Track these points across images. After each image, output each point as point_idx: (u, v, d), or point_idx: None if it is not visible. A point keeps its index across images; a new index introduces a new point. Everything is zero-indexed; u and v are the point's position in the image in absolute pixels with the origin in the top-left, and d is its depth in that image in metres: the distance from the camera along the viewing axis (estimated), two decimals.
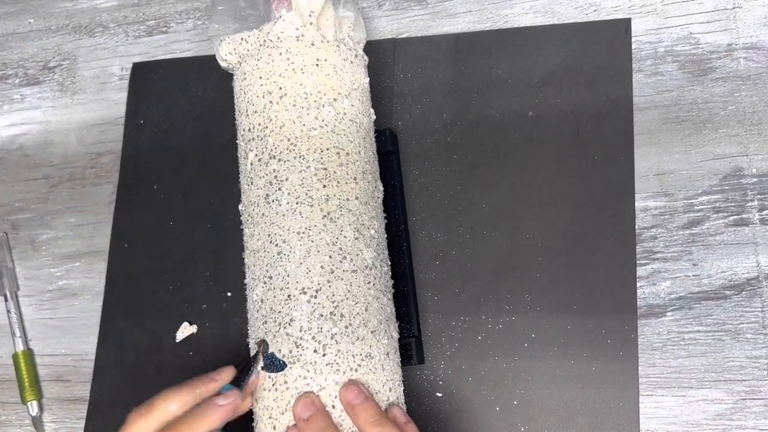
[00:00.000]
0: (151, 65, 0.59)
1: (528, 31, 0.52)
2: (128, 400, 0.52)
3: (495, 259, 0.48)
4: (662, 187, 0.47)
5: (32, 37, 0.64)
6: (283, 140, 0.44)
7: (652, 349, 0.45)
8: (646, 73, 0.49)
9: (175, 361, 0.51)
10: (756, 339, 0.44)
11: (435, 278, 0.49)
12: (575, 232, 0.48)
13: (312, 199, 0.43)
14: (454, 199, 0.50)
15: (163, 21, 0.61)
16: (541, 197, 0.49)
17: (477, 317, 0.48)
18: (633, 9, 0.51)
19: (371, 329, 0.42)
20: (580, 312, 0.46)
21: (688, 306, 0.45)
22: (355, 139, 0.45)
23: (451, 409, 0.47)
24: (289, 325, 0.41)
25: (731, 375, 0.44)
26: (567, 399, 0.45)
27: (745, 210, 0.46)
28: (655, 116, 0.49)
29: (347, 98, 0.45)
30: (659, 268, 0.46)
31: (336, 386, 0.40)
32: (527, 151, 0.50)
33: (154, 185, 0.56)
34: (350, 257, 0.42)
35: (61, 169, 0.59)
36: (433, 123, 0.52)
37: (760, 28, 0.49)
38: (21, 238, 0.59)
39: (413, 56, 0.53)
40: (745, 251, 0.45)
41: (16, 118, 0.62)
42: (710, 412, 0.44)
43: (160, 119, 0.57)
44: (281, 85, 0.44)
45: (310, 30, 0.45)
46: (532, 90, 0.51)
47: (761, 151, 0.47)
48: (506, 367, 0.46)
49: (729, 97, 0.48)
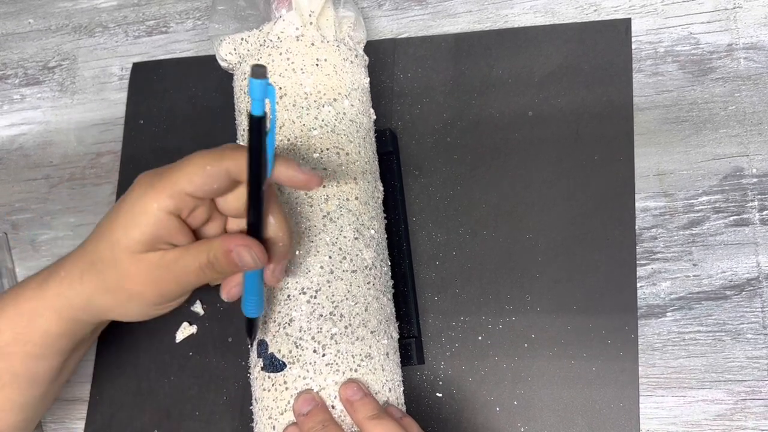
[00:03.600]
0: (151, 65, 0.59)
1: (528, 31, 0.52)
2: (128, 401, 0.52)
3: (495, 260, 0.48)
4: (662, 187, 0.47)
5: (32, 37, 0.64)
6: (282, 140, 0.44)
7: (653, 349, 0.45)
8: (646, 73, 0.49)
9: (176, 361, 0.51)
10: (756, 339, 0.44)
11: (435, 278, 0.49)
12: (575, 232, 0.47)
13: (312, 199, 0.43)
14: (454, 199, 0.50)
15: (163, 21, 0.61)
16: (541, 197, 0.49)
17: (477, 317, 0.48)
18: (633, 9, 0.51)
19: (371, 329, 0.42)
20: (580, 312, 0.46)
21: (688, 306, 0.45)
22: (355, 139, 0.45)
23: (451, 409, 0.47)
24: (288, 325, 0.41)
25: (731, 375, 0.44)
26: (567, 399, 0.45)
27: (745, 210, 0.46)
28: (655, 116, 0.49)
29: (347, 98, 0.45)
30: (659, 269, 0.46)
31: (335, 386, 0.40)
32: (527, 151, 0.50)
33: None
34: (350, 257, 0.42)
35: (61, 169, 0.59)
36: (433, 123, 0.52)
37: (760, 28, 0.49)
38: (21, 238, 0.59)
39: (413, 56, 0.53)
40: (746, 251, 0.45)
41: (16, 118, 0.62)
42: (710, 412, 0.44)
43: (160, 119, 0.57)
44: (281, 85, 0.44)
45: (310, 30, 0.45)
46: (532, 90, 0.51)
47: (761, 151, 0.47)
48: (506, 367, 0.46)
49: (729, 97, 0.48)
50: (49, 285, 0.40)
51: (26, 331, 0.39)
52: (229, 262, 0.37)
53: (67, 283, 0.39)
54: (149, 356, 0.52)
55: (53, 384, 0.42)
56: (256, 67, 0.30)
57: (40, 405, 0.42)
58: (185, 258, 0.38)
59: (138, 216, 0.37)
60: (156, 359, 0.52)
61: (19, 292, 0.40)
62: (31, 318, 0.39)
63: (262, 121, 0.31)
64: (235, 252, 0.36)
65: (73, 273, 0.39)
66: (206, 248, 0.37)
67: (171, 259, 0.38)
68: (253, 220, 0.36)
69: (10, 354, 0.40)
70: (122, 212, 0.38)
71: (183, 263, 0.38)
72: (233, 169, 0.36)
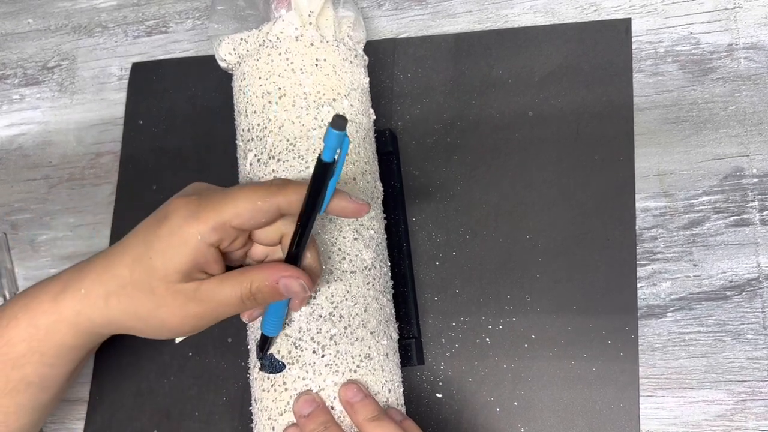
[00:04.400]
0: (150, 65, 0.59)
1: (528, 31, 0.52)
2: (128, 401, 0.52)
3: (495, 260, 0.48)
4: (662, 187, 0.47)
5: (31, 37, 0.63)
6: (282, 140, 0.44)
7: (653, 349, 0.45)
8: (646, 73, 0.49)
9: (175, 362, 0.51)
10: (756, 340, 0.44)
11: (435, 279, 0.49)
12: (575, 233, 0.47)
13: None
14: (454, 199, 0.50)
15: (163, 21, 0.60)
16: (541, 197, 0.49)
17: (477, 318, 0.47)
18: (633, 9, 0.51)
19: (370, 330, 0.42)
20: (581, 312, 0.46)
21: (688, 307, 0.45)
22: (354, 139, 0.45)
23: (451, 410, 0.46)
24: (287, 325, 0.41)
25: (732, 376, 0.44)
26: (567, 400, 0.45)
27: (745, 210, 0.46)
28: (656, 116, 0.48)
29: (347, 98, 0.45)
30: (659, 269, 0.46)
31: (335, 387, 0.40)
32: (527, 151, 0.50)
33: (154, 186, 0.56)
34: (349, 258, 0.42)
35: (61, 170, 0.59)
36: (433, 123, 0.52)
37: (760, 28, 0.48)
38: (20, 238, 0.59)
39: (413, 56, 0.53)
40: (746, 252, 0.45)
41: (16, 118, 0.62)
42: (711, 412, 0.44)
43: (159, 119, 0.57)
44: (280, 85, 0.44)
45: (309, 30, 0.45)
46: (532, 90, 0.50)
47: (762, 151, 0.47)
48: (506, 367, 0.46)
49: (729, 97, 0.48)
50: (66, 300, 0.38)
51: (41, 343, 0.39)
52: (273, 293, 0.36)
53: (88, 301, 0.38)
54: (149, 357, 0.52)
55: (63, 387, 0.42)
56: (337, 117, 0.30)
57: (50, 407, 0.42)
58: (224, 290, 0.37)
59: (178, 245, 0.36)
60: (156, 359, 0.52)
61: (32, 302, 0.39)
62: (47, 332, 0.39)
63: (329, 167, 0.32)
64: (282, 283, 0.36)
65: (96, 292, 0.38)
66: (247, 279, 0.36)
67: (207, 291, 0.37)
68: (296, 252, 0.36)
69: (25, 365, 0.39)
70: (161, 238, 0.36)
71: (222, 295, 0.37)
72: (284, 206, 0.36)
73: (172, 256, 0.36)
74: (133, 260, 0.37)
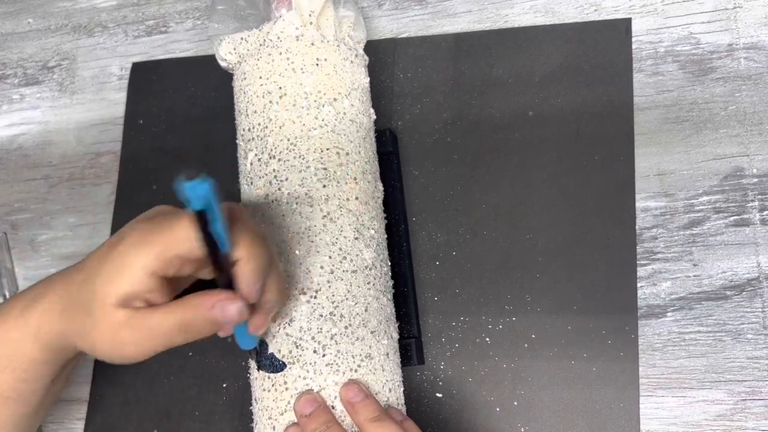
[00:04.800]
0: (150, 65, 0.59)
1: (528, 31, 0.52)
2: (128, 402, 0.52)
3: (495, 260, 0.48)
4: (663, 187, 0.47)
5: (31, 36, 0.63)
6: (282, 140, 0.44)
7: (653, 349, 0.45)
8: (646, 73, 0.49)
9: (175, 362, 0.51)
10: (757, 339, 0.44)
11: (435, 279, 0.49)
12: (575, 232, 0.47)
13: (312, 199, 0.43)
14: (454, 199, 0.50)
15: (163, 21, 0.60)
16: (541, 197, 0.49)
17: (477, 318, 0.47)
18: (633, 9, 0.51)
19: (371, 330, 0.42)
20: (581, 312, 0.46)
21: (688, 306, 0.45)
22: (355, 139, 0.45)
23: (451, 409, 0.46)
24: (288, 325, 0.41)
25: (732, 376, 0.44)
26: (567, 400, 0.45)
27: (745, 210, 0.46)
28: (656, 116, 0.48)
29: (347, 98, 0.45)
30: (660, 269, 0.46)
31: (336, 386, 0.40)
32: (527, 151, 0.50)
33: (154, 185, 0.56)
34: (350, 257, 0.42)
35: (61, 170, 0.59)
36: (433, 123, 0.52)
37: (760, 28, 0.49)
38: (20, 238, 0.59)
39: (413, 56, 0.53)
40: (746, 251, 0.45)
41: (16, 118, 0.62)
42: (711, 412, 0.44)
43: (159, 119, 0.57)
44: (281, 85, 0.44)
45: (310, 29, 0.45)
46: (532, 90, 0.50)
47: (762, 151, 0.47)
48: (506, 367, 0.46)
49: (729, 97, 0.48)
50: (31, 315, 0.38)
51: (13, 357, 0.39)
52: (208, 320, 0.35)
53: (47, 317, 0.38)
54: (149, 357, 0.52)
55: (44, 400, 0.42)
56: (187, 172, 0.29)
57: (34, 419, 0.42)
58: (154, 319, 0.35)
59: (120, 271, 0.35)
60: (156, 359, 0.51)
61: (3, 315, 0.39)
62: (17, 346, 0.38)
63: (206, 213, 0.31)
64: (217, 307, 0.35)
65: (54, 308, 0.38)
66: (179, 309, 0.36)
67: (140, 319, 0.36)
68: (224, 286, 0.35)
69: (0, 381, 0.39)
70: (109, 261, 0.36)
71: (155, 324, 0.35)
72: None
73: (113, 281, 0.35)
74: (84, 279, 0.37)
